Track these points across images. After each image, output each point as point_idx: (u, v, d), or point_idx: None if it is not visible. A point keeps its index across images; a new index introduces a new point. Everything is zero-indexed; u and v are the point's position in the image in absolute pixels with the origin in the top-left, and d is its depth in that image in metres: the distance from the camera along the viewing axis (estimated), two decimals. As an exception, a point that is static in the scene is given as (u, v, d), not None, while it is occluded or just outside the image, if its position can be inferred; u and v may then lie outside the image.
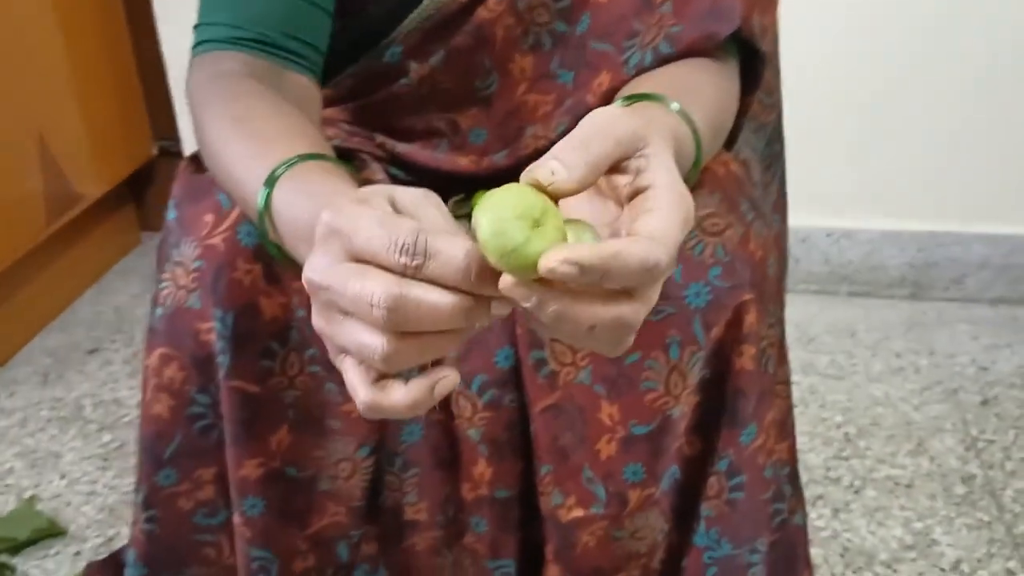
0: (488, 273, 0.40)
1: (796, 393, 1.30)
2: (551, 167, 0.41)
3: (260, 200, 0.52)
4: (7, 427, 1.26)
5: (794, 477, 0.75)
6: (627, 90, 0.63)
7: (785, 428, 0.71)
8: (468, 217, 0.55)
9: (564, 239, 0.41)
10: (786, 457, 0.72)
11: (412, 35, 0.70)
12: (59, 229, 1.44)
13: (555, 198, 0.41)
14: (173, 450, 0.68)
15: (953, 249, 1.48)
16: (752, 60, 0.68)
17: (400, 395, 0.43)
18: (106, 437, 1.24)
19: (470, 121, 0.73)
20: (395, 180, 0.74)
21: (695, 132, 0.56)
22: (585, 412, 0.64)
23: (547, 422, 0.64)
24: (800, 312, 1.48)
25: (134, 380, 1.35)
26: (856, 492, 1.13)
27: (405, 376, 0.44)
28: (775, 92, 0.82)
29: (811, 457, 1.19)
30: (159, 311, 0.65)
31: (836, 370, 1.35)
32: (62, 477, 1.17)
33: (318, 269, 0.43)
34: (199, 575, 0.75)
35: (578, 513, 0.66)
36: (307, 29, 0.66)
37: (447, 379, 0.44)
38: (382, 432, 0.67)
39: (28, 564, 1.05)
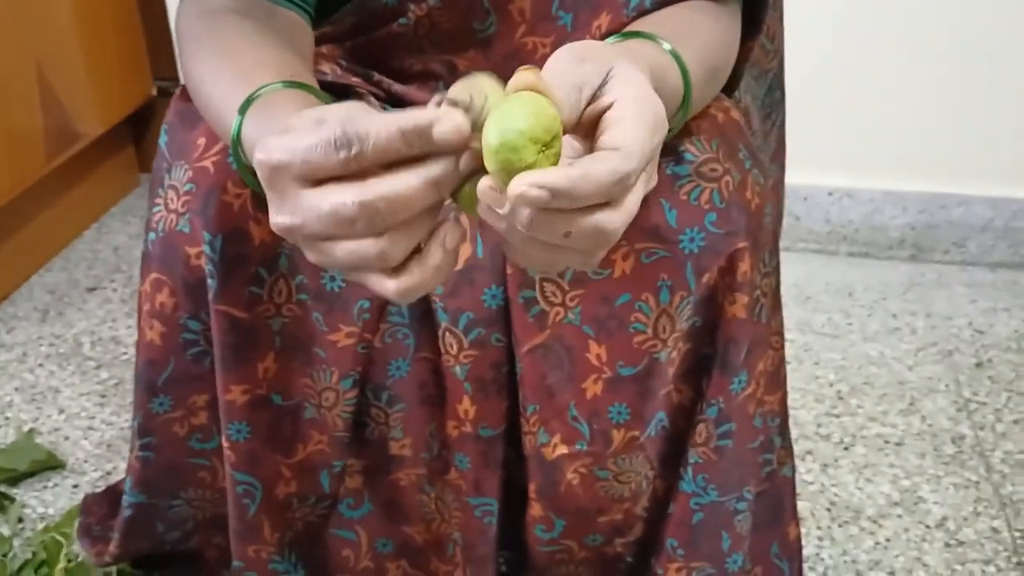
0: (427, 135, 0.41)
1: (791, 351, 1.30)
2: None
3: (233, 129, 0.53)
4: (7, 361, 1.27)
5: (784, 429, 0.76)
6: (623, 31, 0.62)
7: (777, 379, 0.72)
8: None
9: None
10: (777, 408, 0.73)
11: None
12: (59, 167, 1.43)
13: None
14: (166, 377, 0.69)
15: (955, 211, 1.47)
16: (755, 4, 0.68)
17: (419, 271, 0.44)
18: (104, 374, 1.25)
19: (467, 63, 0.72)
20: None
21: (684, 71, 0.55)
22: (573, 352, 0.65)
23: (534, 361, 0.65)
24: (799, 270, 1.48)
25: (132, 319, 1.36)
26: (846, 449, 1.14)
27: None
28: (777, 38, 0.81)
29: (802, 413, 1.20)
30: (151, 236, 0.66)
31: (832, 329, 1.36)
32: (60, 412, 1.18)
33: (282, 212, 0.44)
34: (194, 498, 0.76)
35: (563, 450, 0.67)
36: None
37: (452, 231, 0.44)
38: (367, 365, 0.67)
39: (27, 495, 1.06)
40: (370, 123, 0.41)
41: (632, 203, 0.44)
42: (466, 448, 0.69)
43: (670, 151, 0.62)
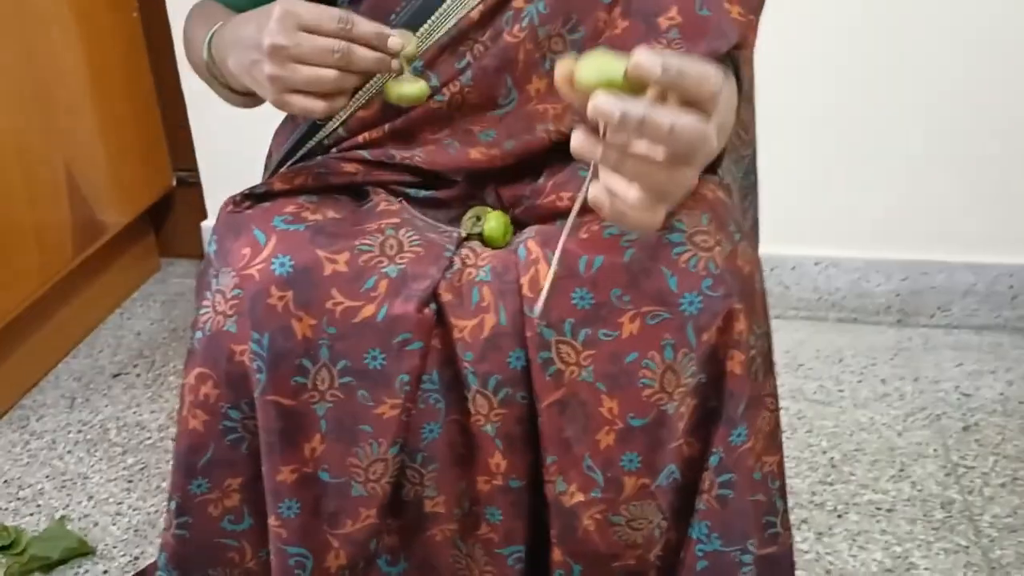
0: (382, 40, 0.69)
1: (785, 419, 1.36)
2: (652, 64, 0.52)
3: (204, 43, 0.76)
4: (37, 449, 1.33)
5: (784, 494, 0.81)
6: None
7: (775, 442, 0.77)
8: (480, 237, 0.78)
9: None
10: (776, 471, 0.78)
11: (431, 50, 0.78)
12: (84, 258, 1.51)
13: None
14: (206, 460, 0.74)
15: (938, 277, 1.54)
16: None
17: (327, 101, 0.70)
18: (130, 459, 1.31)
19: (482, 127, 0.80)
20: (410, 198, 0.82)
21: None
22: (587, 406, 0.71)
23: (553, 416, 0.71)
24: (790, 338, 1.54)
25: (155, 403, 1.43)
26: (839, 516, 1.19)
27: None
28: (751, 129, 0.90)
29: (797, 482, 1.25)
30: (198, 335, 0.72)
31: (824, 396, 1.41)
32: (90, 498, 1.24)
33: (279, 33, 0.66)
34: (222, 575, 0.81)
35: (579, 498, 0.72)
36: None
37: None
38: (406, 431, 0.74)
39: (60, 582, 1.12)
40: (358, 18, 0.68)
41: (711, 128, 0.53)
42: (497, 501, 0.75)
43: (665, 222, 0.69)
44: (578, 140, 0.55)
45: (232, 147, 1.38)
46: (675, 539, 0.77)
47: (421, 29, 0.78)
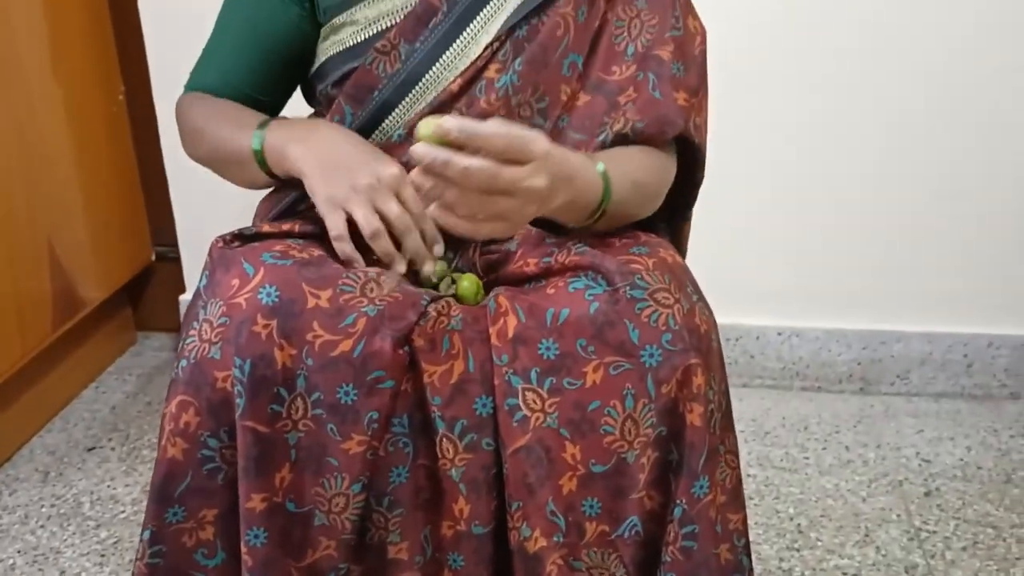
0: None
1: (752, 486, 1.39)
2: (453, 126, 0.67)
3: (256, 142, 0.83)
4: (9, 524, 1.33)
5: (749, 553, 0.83)
6: None
7: (738, 499, 0.81)
8: (454, 296, 0.84)
9: None
10: (741, 528, 0.81)
11: (413, 120, 0.87)
12: (63, 332, 1.53)
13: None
14: (183, 489, 0.76)
15: (895, 346, 1.60)
16: (690, 157, 0.91)
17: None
18: (103, 533, 1.31)
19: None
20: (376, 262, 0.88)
21: (605, 177, 0.79)
22: (551, 452, 0.74)
23: (518, 462, 0.74)
24: (756, 406, 1.59)
25: (129, 477, 1.43)
26: (807, 582, 1.22)
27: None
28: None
29: (765, 548, 1.27)
30: (183, 363, 0.75)
31: (790, 463, 1.45)
32: (62, 573, 1.24)
33: (382, 190, 0.80)
34: None
35: (542, 543, 0.75)
36: (273, 90, 0.95)
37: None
38: (373, 472, 0.76)
39: (30, 659, 1.10)
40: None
41: (509, 172, 0.69)
42: (460, 547, 0.77)
43: (629, 278, 0.75)
44: (414, 174, 0.71)
45: (212, 223, 1.42)
46: None
47: (401, 103, 0.88)
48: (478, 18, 0.86)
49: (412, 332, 0.75)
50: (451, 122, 0.67)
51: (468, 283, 0.83)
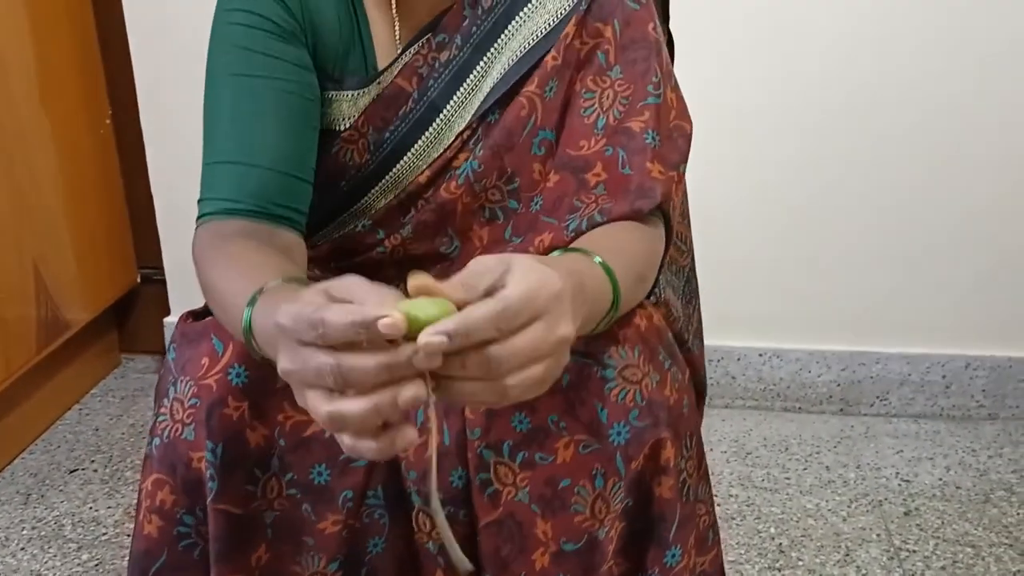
0: (373, 327, 0.52)
1: (734, 506, 1.40)
2: (440, 342, 0.53)
3: (244, 319, 0.65)
4: (-11, 547, 1.32)
5: None
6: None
7: (706, 544, 0.81)
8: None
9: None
10: (709, 569, 0.82)
11: (379, 211, 0.84)
12: (47, 354, 1.53)
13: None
14: (159, 566, 0.75)
15: (874, 368, 1.61)
16: (664, 224, 0.83)
17: (369, 443, 0.55)
18: (84, 555, 1.30)
19: (432, 274, 0.85)
20: None
21: (612, 278, 0.68)
22: (523, 527, 0.74)
23: (490, 536, 0.74)
24: (738, 427, 1.60)
25: (111, 499, 1.42)
26: (788, 601, 1.23)
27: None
28: (688, 240, 0.97)
29: (747, 568, 1.28)
30: (156, 441, 0.74)
31: (771, 483, 1.46)
32: (42, 596, 1.23)
33: (284, 359, 0.56)
34: None
35: None
36: (295, 198, 0.79)
37: (407, 433, 0.55)
38: (350, 543, 0.76)
39: None
40: (331, 313, 0.52)
41: (523, 342, 0.54)
42: None
43: (599, 357, 0.74)
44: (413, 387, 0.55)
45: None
46: None
47: (367, 195, 0.82)
48: (450, 104, 0.81)
49: None
50: (433, 337, 0.52)
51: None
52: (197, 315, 0.80)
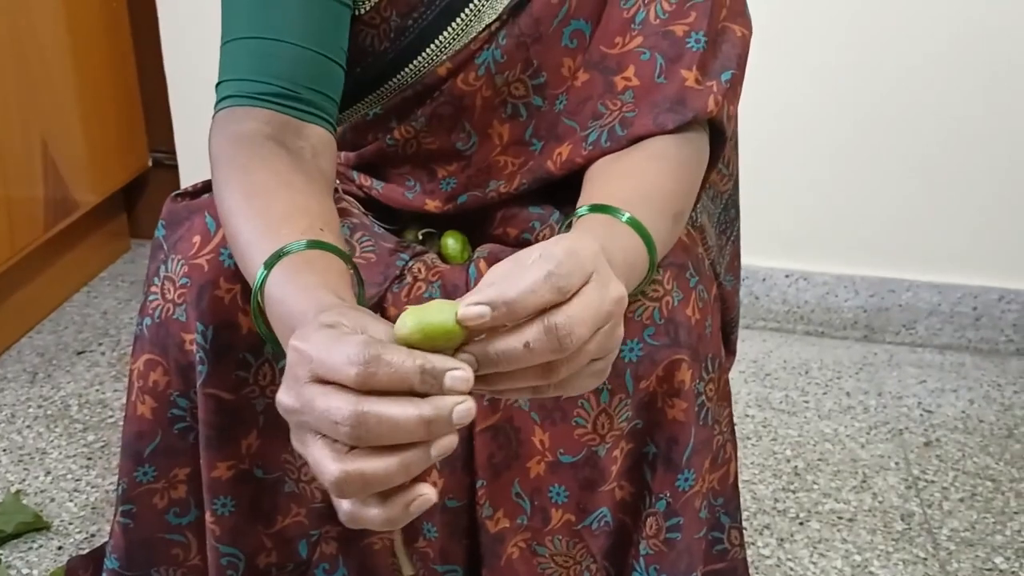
0: (440, 378, 0.43)
1: (750, 426, 1.37)
2: (480, 313, 0.45)
3: (257, 279, 0.57)
4: (-5, 423, 1.31)
5: (731, 509, 0.81)
6: (590, 189, 0.69)
7: (716, 461, 0.78)
8: (439, 253, 0.66)
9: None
10: (718, 488, 0.79)
11: (392, 100, 0.77)
12: (55, 234, 1.49)
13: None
14: (153, 448, 0.73)
15: (904, 296, 1.57)
16: (714, 141, 0.74)
17: (376, 511, 0.46)
18: (91, 436, 1.29)
19: (447, 172, 0.80)
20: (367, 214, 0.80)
21: (647, 239, 0.61)
22: (520, 434, 0.71)
23: (486, 441, 0.71)
24: (757, 348, 1.56)
25: (119, 383, 1.40)
26: (801, 524, 1.21)
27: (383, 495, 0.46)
28: (732, 163, 0.90)
29: (760, 488, 1.26)
30: (147, 321, 0.71)
31: (789, 405, 1.43)
32: (47, 473, 1.22)
33: (287, 393, 0.47)
34: None
35: (504, 524, 0.73)
36: (327, 82, 0.71)
37: (423, 497, 0.46)
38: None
39: (13, 556, 1.09)
40: (392, 355, 0.43)
41: (583, 305, 0.46)
42: (434, 518, 0.74)
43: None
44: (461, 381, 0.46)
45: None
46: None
47: (385, 85, 0.75)
48: None
49: (384, 301, 0.70)
50: (470, 308, 0.44)
51: (453, 241, 0.78)
52: (187, 196, 0.75)
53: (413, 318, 0.44)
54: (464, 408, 0.44)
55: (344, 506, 0.47)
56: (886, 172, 1.50)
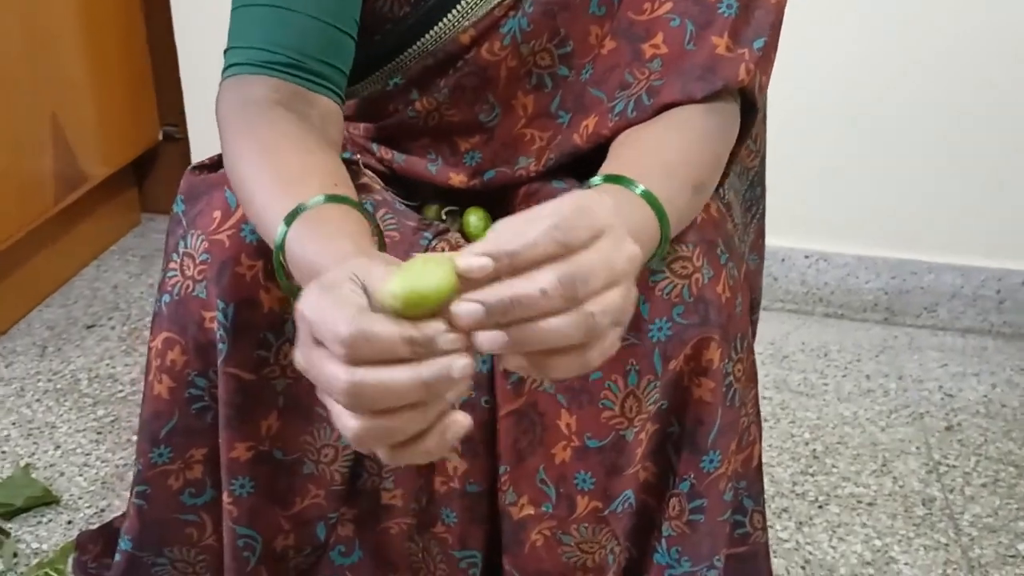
0: (432, 345, 0.43)
1: (768, 408, 1.35)
2: (482, 264, 0.43)
3: (278, 237, 0.56)
4: (4, 396, 1.29)
5: (754, 491, 0.79)
6: (611, 160, 0.65)
7: (741, 443, 0.76)
8: (460, 231, 0.63)
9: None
10: (741, 470, 0.77)
11: (413, 69, 0.74)
12: (65, 207, 1.47)
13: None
14: (169, 429, 0.72)
15: (926, 278, 1.54)
16: (745, 115, 0.71)
17: (408, 451, 0.46)
18: (100, 411, 1.28)
19: (469, 145, 0.77)
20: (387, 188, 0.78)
21: (660, 213, 0.58)
22: (545, 418, 0.69)
23: (509, 425, 0.69)
24: (775, 330, 1.54)
25: (129, 357, 1.39)
26: (820, 507, 1.19)
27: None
28: (760, 139, 0.87)
29: (779, 471, 1.24)
30: (166, 298, 0.69)
31: (807, 388, 1.41)
32: (56, 448, 1.21)
33: (300, 351, 0.47)
34: (178, 559, 0.79)
35: (529, 511, 0.71)
36: (336, 53, 0.69)
37: (457, 423, 0.46)
38: None
39: (22, 530, 1.08)
40: (379, 327, 0.42)
41: (595, 256, 0.44)
42: (453, 503, 0.73)
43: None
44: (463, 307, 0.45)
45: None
46: (633, 561, 0.76)
47: (405, 53, 0.72)
48: None
49: None
50: (470, 259, 0.43)
51: (476, 218, 0.76)
52: (205, 168, 0.73)
53: (400, 284, 0.43)
54: (460, 366, 0.43)
55: (381, 451, 0.46)
56: (909, 151, 1.47)
